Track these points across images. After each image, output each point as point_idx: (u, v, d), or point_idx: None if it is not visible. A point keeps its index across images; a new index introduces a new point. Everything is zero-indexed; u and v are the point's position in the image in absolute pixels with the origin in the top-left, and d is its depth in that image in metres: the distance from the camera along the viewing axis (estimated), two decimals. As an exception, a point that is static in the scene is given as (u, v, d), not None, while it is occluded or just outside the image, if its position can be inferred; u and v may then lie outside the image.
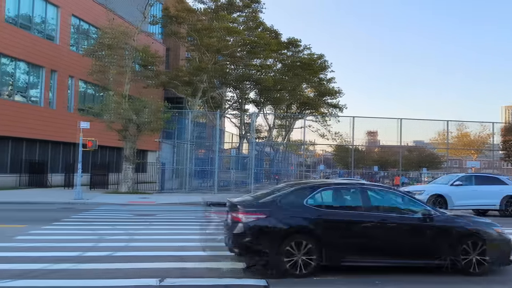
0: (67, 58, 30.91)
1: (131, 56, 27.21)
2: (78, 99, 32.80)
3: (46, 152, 30.17)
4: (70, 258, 7.86)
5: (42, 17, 29.46)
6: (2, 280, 6.32)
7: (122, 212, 16.22)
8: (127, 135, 25.92)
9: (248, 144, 40.49)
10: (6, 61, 26.70)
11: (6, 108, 25.87)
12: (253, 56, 36.92)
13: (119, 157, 33.10)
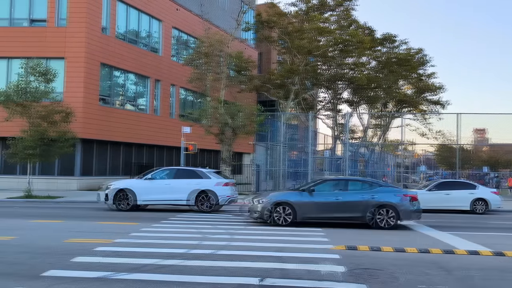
0: (169, 68, 33.26)
1: (226, 63, 28.35)
2: (179, 106, 35.07)
3: (152, 155, 32.74)
4: (177, 255, 8.43)
5: (147, 32, 32.07)
6: (120, 273, 6.99)
7: (222, 212, 16.93)
8: (224, 138, 27.02)
9: (342, 145, 39.67)
10: (117, 74, 29.54)
11: (118, 117, 28.61)
12: (345, 55, 36.16)
13: (217, 159, 34.67)
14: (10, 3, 26.79)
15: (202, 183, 16.17)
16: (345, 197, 12.89)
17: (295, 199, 12.86)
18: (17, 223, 12.71)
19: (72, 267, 7.29)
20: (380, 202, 12.69)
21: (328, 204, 12.79)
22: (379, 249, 9.48)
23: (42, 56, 25.12)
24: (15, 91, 20.98)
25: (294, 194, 13.25)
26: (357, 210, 12.72)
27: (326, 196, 12.94)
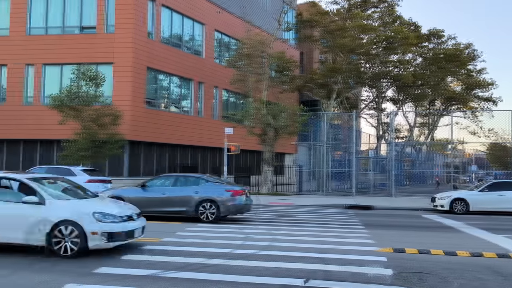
0: (211, 70, 33.79)
1: (268, 63, 28.43)
2: (222, 107, 35.55)
3: (196, 156, 33.39)
4: (222, 254, 8.55)
5: (190, 35, 32.75)
6: (168, 271, 7.19)
7: (263, 212, 17.01)
8: (266, 139, 27.10)
9: (386, 145, 38.66)
10: (162, 77, 30.38)
11: (163, 119, 29.41)
12: (390, 52, 35.27)
13: (259, 160, 34.82)
14: (63, 12, 28.22)
15: None
16: (172, 192, 13.57)
17: (128, 195, 13.52)
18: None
19: (122, 264, 7.57)
20: (202, 197, 13.33)
21: (157, 199, 13.48)
22: (428, 252, 9.16)
23: (92, 62, 26.27)
24: (68, 95, 22.10)
25: (130, 190, 14.01)
26: (182, 205, 13.36)
27: (156, 191, 13.64)
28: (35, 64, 27.88)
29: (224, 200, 13.39)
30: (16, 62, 28.00)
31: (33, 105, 27.80)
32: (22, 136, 27.60)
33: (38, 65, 27.87)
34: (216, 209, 13.36)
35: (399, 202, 22.46)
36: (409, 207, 20.34)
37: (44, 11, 28.31)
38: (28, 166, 27.87)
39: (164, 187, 13.84)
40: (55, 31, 28.22)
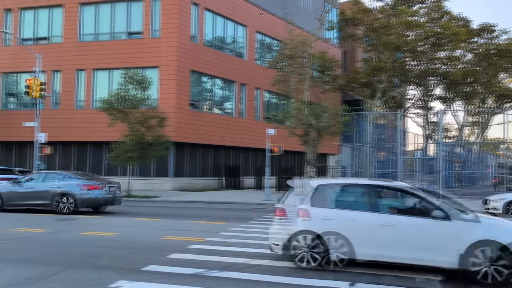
0: (253, 72, 34.00)
1: (310, 64, 28.21)
2: (264, 108, 35.67)
3: (239, 157, 33.69)
4: (265, 255, 8.56)
5: (232, 37, 33.12)
6: (213, 270, 7.29)
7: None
8: (308, 139, 26.89)
9: (434, 145, 37.27)
10: (205, 79, 30.92)
11: (207, 121, 29.91)
12: (437, 48, 34.01)
13: (302, 161, 34.60)
14: (111, 19, 29.39)
15: None
16: (39, 187, 15.23)
17: (5, 190, 15.58)
18: (120, 220, 13.88)
19: (169, 263, 7.76)
20: (63, 192, 14.86)
21: (26, 193, 15.29)
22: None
23: (139, 66, 27.19)
24: (116, 99, 22.97)
25: (8, 185, 15.80)
26: (46, 198, 14.99)
27: (27, 186, 15.41)
28: (86, 69, 29.21)
29: (80, 194, 14.88)
30: (69, 68, 29.46)
31: (84, 109, 29.14)
32: (74, 138, 28.99)
33: (88, 70, 29.18)
34: (74, 202, 14.80)
35: (449, 204, 21.55)
36: (460, 209, 19.45)
37: (94, 18, 29.61)
38: (80, 167, 29.25)
39: (33, 183, 15.56)
40: (104, 37, 29.43)
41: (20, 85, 30.61)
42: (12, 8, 30.84)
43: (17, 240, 9.89)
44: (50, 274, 6.89)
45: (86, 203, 15.20)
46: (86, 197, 14.97)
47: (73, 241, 9.88)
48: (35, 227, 11.99)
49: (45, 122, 26.33)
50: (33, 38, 30.61)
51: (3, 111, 30.89)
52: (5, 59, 30.63)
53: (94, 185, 15.23)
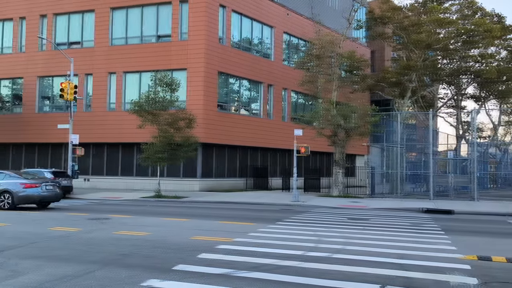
0: (280, 72, 33.98)
1: (338, 63, 27.95)
2: (291, 109, 35.57)
3: (266, 158, 33.72)
4: (294, 256, 8.55)
5: (259, 38, 33.21)
6: (241, 271, 7.34)
7: (335, 215, 16.73)
8: (336, 140, 26.64)
9: (467, 145, 36.21)
10: (233, 81, 31.11)
11: (234, 122, 30.09)
12: (470, 46, 33.05)
13: (329, 162, 34.32)
14: (140, 23, 30.01)
15: None
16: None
17: None
18: (151, 220, 14.15)
19: (199, 263, 7.86)
20: (3, 189, 16.65)
21: None
22: (518, 261, 8.43)
23: (168, 69, 27.64)
24: (146, 101, 23.45)
25: None
26: None
27: None
28: (117, 72, 29.94)
29: (17, 191, 16.61)
30: (101, 71, 30.26)
31: (115, 111, 29.87)
32: (105, 139, 29.76)
33: (119, 73, 29.90)
34: (12, 199, 16.52)
35: (483, 206, 20.91)
36: (495, 212, 18.87)
37: (124, 22, 30.31)
38: (112, 167, 29.99)
39: None
40: (134, 40, 30.09)
41: (54, 88, 31.70)
42: (47, 14, 31.96)
43: (52, 239, 10.24)
44: (85, 272, 7.11)
45: (23, 200, 16.82)
46: (22, 195, 16.69)
47: (106, 240, 10.15)
48: (69, 226, 12.39)
49: (78, 124, 27.16)
50: (67, 43, 31.62)
51: (38, 114, 32.04)
52: (40, 63, 31.78)
53: (31, 184, 16.98)
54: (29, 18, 32.38)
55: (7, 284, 6.36)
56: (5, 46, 33.34)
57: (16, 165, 31.86)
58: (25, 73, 32.23)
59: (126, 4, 30.00)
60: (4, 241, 9.74)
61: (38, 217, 14.68)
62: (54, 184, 17.87)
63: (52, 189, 17.42)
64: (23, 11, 32.53)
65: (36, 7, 32.23)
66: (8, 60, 32.79)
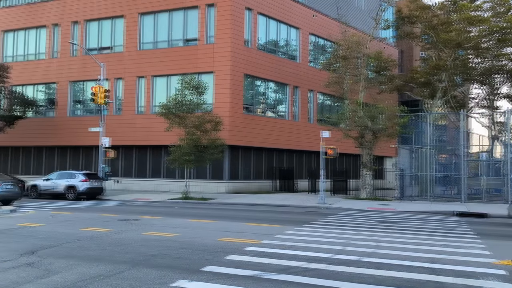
0: (306, 74, 33.83)
1: (365, 64, 27.59)
2: (317, 111, 35.34)
3: (292, 160, 33.61)
4: (322, 259, 8.48)
5: (285, 40, 33.17)
6: (269, 273, 7.33)
7: (364, 218, 16.49)
8: (364, 142, 26.28)
9: (501, 147, 35.01)
10: (259, 83, 31.19)
11: (260, 124, 30.15)
12: (504, 44, 31.98)
13: (357, 163, 33.87)
14: (168, 27, 30.51)
15: None
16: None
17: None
18: (178, 221, 14.34)
19: (227, 264, 7.91)
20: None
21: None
22: (557, 268, 8.07)
23: (195, 72, 27.98)
24: (174, 104, 23.80)
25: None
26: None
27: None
28: (146, 76, 30.52)
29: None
30: (130, 75, 30.92)
31: (144, 114, 30.44)
32: (135, 142, 30.36)
33: (148, 77, 30.47)
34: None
35: (518, 210, 20.14)
36: (531, 216, 18.13)
37: (153, 27, 30.89)
38: (141, 169, 30.55)
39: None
40: (162, 45, 30.61)
41: (86, 92, 32.59)
42: (79, 20, 32.92)
43: (84, 239, 10.52)
44: (116, 271, 7.26)
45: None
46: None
47: (136, 240, 10.35)
48: (101, 227, 12.69)
49: (108, 127, 27.83)
50: (98, 48, 32.47)
51: (71, 117, 33.01)
52: (72, 68, 32.76)
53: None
54: (62, 25, 33.45)
55: (42, 282, 6.57)
56: (40, 52, 34.53)
57: (49, 167, 32.92)
58: (58, 78, 33.29)
59: (154, 9, 30.56)
60: (38, 241, 10.08)
61: (70, 217, 15.11)
62: (14, 184, 20.51)
63: (12, 188, 19.92)
64: (57, 18, 33.63)
65: (69, 14, 33.26)
66: (42, 66, 33.95)
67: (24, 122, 32.19)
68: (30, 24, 34.56)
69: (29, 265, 7.63)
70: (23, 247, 9.29)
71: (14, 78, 31.95)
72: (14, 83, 32.39)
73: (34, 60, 34.53)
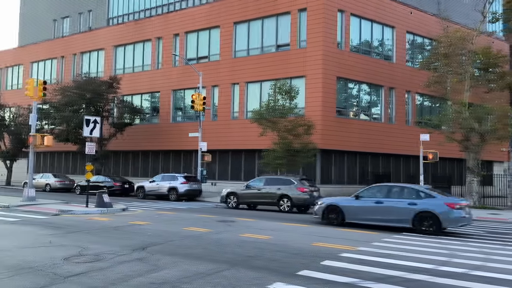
0: (403, 74, 32.23)
1: (470, 61, 25.50)
2: (416, 112, 33.46)
3: (388, 164, 32.20)
4: (424, 270, 7.99)
5: (379, 40, 31.99)
6: (366, 281, 7.11)
7: (470, 227, 15.18)
8: (469, 145, 24.28)
9: None
10: (351, 85, 30.47)
11: (353, 127, 29.40)
12: None
13: (461, 169, 31.37)
14: (261, 34, 31.25)
15: None
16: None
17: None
18: (272, 224, 14.55)
19: (322, 269, 7.84)
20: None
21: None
22: None
23: (286, 77, 28.26)
24: (266, 109, 24.29)
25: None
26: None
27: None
28: (239, 82, 31.58)
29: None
30: (225, 83, 32.26)
31: (238, 120, 31.49)
32: (230, 146, 31.52)
33: (242, 84, 31.50)
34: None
35: None
36: None
37: (246, 35, 31.90)
38: (235, 173, 31.65)
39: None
40: (255, 52, 31.45)
41: (185, 100, 34.71)
42: (179, 32, 35.23)
43: (186, 238, 11.19)
44: (216, 270, 7.62)
45: None
46: None
47: (233, 241, 10.74)
48: (201, 227, 13.39)
49: (205, 132, 29.31)
50: (196, 58, 34.42)
51: (172, 124, 35.39)
52: (174, 78, 35.13)
53: None
54: (164, 37, 36.08)
55: (151, 277, 7.13)
56: (145, 64, 37.61)
57: (155, 170, 35.59)
58: (161, 87, 35.92)
59: (247, 18, 31.55)
60: (146, 238, 10.95)
61: (173, 217, 16.18)
62: None
63: None
64: (160, 32, 36.38)
65: (170, 27, 35.77)
66: (148, 76, 36.93)
67: (132, 128, 35.24)
68: (137, 38, 37.83)
69: (140, 260, 8.33)
70: (134, 243, 10.17)
71: (124, 89, 35.18)
72: (123, 93, 35.66)
73: (140, 71, 37.69)
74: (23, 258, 8.27)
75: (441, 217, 12.66)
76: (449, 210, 12.72)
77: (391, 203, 13.46)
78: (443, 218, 12.66)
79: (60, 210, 16.81)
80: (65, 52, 42.78)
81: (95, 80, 33.30)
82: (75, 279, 6.88)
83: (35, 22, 56.54)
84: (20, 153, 39.18)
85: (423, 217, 12.90)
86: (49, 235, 11.13)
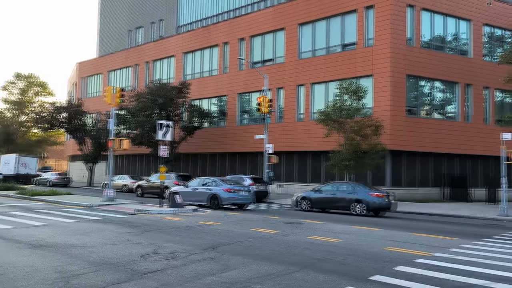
0: (480, 70, 30.20)
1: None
2: (495, 110, 31.17)
3: (464, 166, 30.29)
4: (507, 279, 7.42)
5: (453, 35, 30.23)
6: (445, 288, 6.74)
7: (562, 235, 13.83)
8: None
9: None
10: (423, 83, 29.08)
11: (426, 127, 28.03)
12: None
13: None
14: (326, 35, 30.88)
15: None
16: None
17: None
18: (340, 227, 14.30)
19: (396, 275, 7.56)
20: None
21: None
22: None
23: (353, 76, 27.66)
24: (333, 110, 23.93)
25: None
26: None
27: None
28: (305, 84, 31.44)
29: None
30: (290, 84, 32.27)
31: (304, 121, 31.34)
32: (295, 148, 31.46)
33: (307, 85, 31.33)
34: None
35: None
36: None
37: (311, 36, 31.69)
38: (302, 175, 31.50)
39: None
40: (320, 52, 31.15)
41: (251, 103, 35.22)
42: (245, 37, 35.86)
43: (255, 239, 11.34)
44: (285, 272, 7.64)
45: None
46: None
47: (301, 243, 10.71)
48: (269, 228, 13.51)
49: (271, 134, 29.52)
50: (261, 61, 34.82)
51: (239, 126, 36.08)
52: (240, 81, 35.81)
53: None
54: (230, 42, 36.93)
55: (222, 276, 7.32)
56: (213, 68, 38.73)
57: (222, 172, 36.51)
58: (228, 91, 36.79)
59: (312, 19, 31.34)
60: (216, 238, 11.26)
61: (241, 218, 16.47)
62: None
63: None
64: (226, 37, 37.29)
65: (236, 32, 36.53)
66: (215, 81, 38.00)
67: (201, 131, 36.44)
68: (205, 44, 39.07)
69: (211, 259, 8.59)
70: (205, 243, 10.50)
71: (192, 93, 36.49)
72: (192, 97, 37.00)
73: (208, 76, 38.87)
74: (105, 254, 8.88)
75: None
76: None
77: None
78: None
79: (136, 209, 17.81)
80: (139, 60, 45.33)
81: (166, 86, 34.93)
82: (151, 275, 7.25)
83: (112, 33, 60.65)
84: (100, 156, 42.11)
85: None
86: (127, 233, 11.84)
